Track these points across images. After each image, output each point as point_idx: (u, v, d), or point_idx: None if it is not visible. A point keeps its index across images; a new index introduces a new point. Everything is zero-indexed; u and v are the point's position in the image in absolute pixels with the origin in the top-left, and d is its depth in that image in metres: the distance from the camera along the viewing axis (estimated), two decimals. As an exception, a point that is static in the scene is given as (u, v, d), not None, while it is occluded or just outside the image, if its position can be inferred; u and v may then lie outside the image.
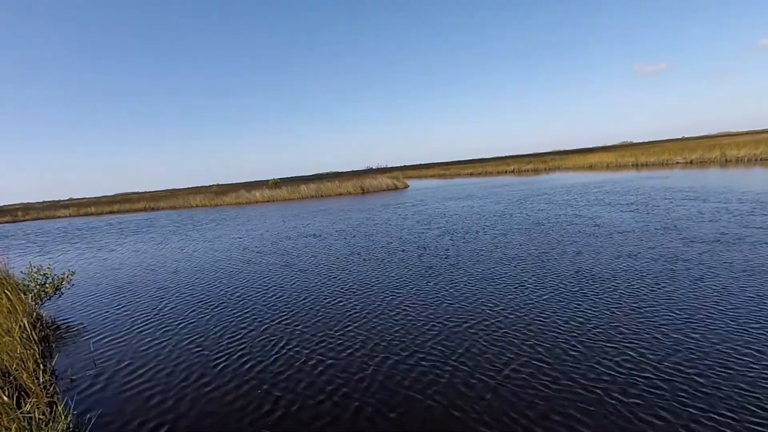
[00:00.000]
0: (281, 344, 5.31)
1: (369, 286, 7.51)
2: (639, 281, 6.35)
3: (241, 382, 4.42)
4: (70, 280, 8.45)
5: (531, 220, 12.92)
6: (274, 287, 8.06)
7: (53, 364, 5.24)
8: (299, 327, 5.84)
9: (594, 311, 5.38)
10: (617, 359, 4.18)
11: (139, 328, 6.44)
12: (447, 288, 6.94)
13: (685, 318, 4.97)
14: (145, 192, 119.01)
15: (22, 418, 3.22)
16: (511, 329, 5.09)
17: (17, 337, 4.97)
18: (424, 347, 4.84)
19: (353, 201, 28.50)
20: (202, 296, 7.92)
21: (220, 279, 9.22)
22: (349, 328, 5.63)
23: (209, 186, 65.01)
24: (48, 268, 8.16)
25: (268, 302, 7.11)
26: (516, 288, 6.57)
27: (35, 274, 7.79)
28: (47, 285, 7.83)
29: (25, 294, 7.18)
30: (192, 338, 5.77)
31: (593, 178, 28.45)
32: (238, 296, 7.66)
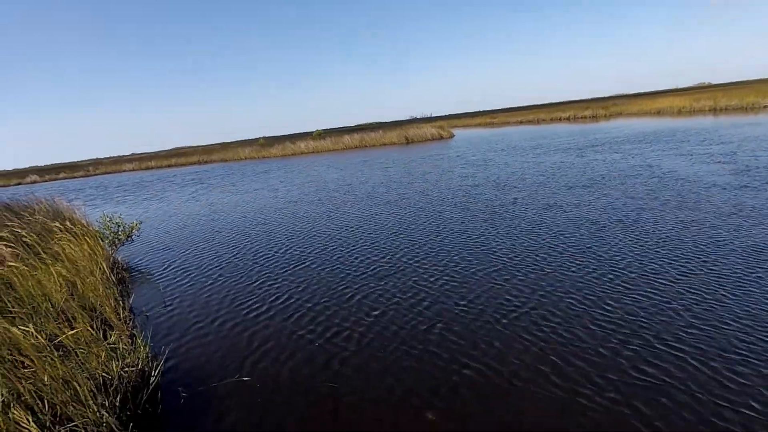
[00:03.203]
0: (336, 293, 5.55)
1: (422, 237, 7.56)
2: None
3: (296, 327, 4.72)
4: (139, 228, 9.25)
5: (594, 173, 12.18)
6: (324, 237, 8.33)
7: (130, 302, 5.87)
8: (354, 276, 6.05)
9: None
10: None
11: (200, 271, 6.98)
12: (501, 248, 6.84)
13: None
14: (198, 146, 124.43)
15: (108, 348, 3.68)
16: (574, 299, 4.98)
17: (99, 278, 5.57)
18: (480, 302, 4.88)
19: (397, 151, 28.18)
20: (257, 244, 8.37)
21: (273, 227, 9.66)
22: (406, 282, 5.76)
23: (256, 139, 66.65)
24: (119, 217, 8.93)
25: (321, 249, 7.40)
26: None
27: (109, 223, 8.56)
28: (120, 233, 8.62)
29: (102, 240, 7.96)
30: (248, 283, 6.18)
31: (664, 124, 25.92)
32: (292, 244, 8.02)
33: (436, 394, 3.29)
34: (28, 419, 2.40)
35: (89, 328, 3.78)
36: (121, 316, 4.94)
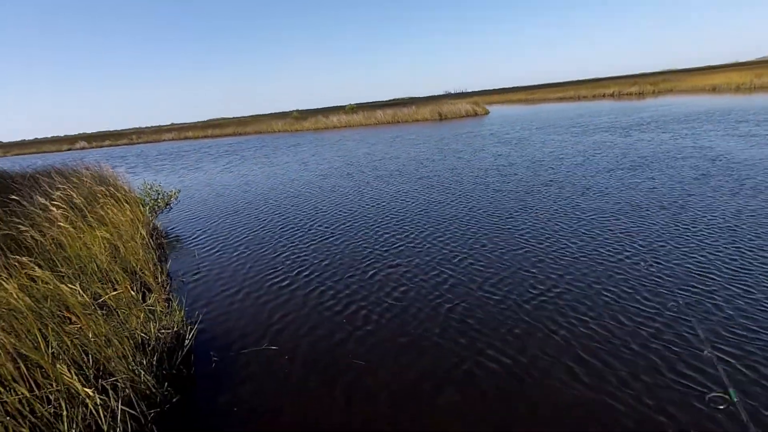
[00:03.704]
0: (359, 269, 5.61)
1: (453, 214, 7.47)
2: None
3: (319, 300, 4.82)
4: (177, 196, 9.62)
5: (637, 155, 11.53)
6: (351, 212, 8.37)
7: (168, 267, 6.16)
8: (378, 252, 6.08)
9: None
10: None
11: (231, 240, 7.22)
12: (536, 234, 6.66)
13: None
14: (233, 117, 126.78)
15: (146, 310, 3.90)
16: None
17: (139, 243, 5.86)
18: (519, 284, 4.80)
19: (429, 127, 27.66)
20: (285, 216, 8.53)
21: (301, 200, 9.80)
22: (430, 256, 5.74)
23: (290, 112, 67.10)
24: (159, 185, 9.30)
25: (348, 224, 7.46)
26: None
27: (150, 191, 8.94)
28: (159, 200, 9.00)
29: (142, 207, 8.33)
30: (275, 254, 6.34)
31: (719, 102, 23.98)
32: (319, 218, 8.12)
33: (450, 378, 3.27)
34: (70, 372, 2.59)
35: (130, 290, 4.00)
36: (159, 280, 5.20)
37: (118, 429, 2.68)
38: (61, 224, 4.93)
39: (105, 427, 2.62)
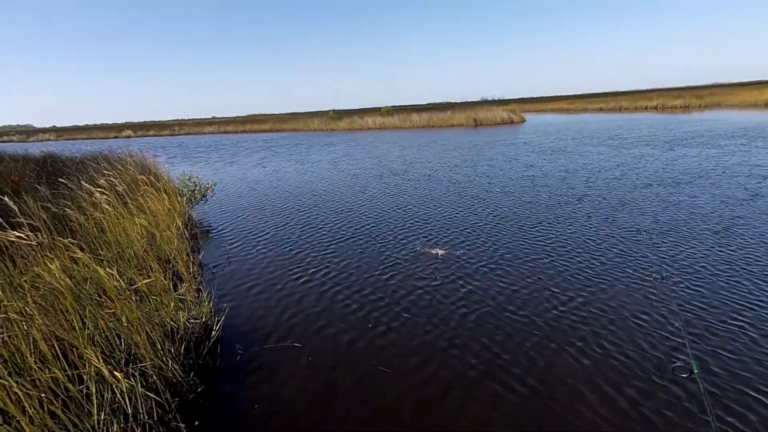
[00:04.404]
0: (385, 270, 5.55)
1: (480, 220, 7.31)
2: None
3: (345, 300, 4.79)
4: (213, 189, 9.88)
5: (680, 171, 10.94)
6: (380, 213, 8.33)
7: (200, 257, 6.31)
8: (403, 255, 6.02)
9: None
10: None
11: (262, 235, 7.32)
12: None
13: None
14: (272, 114, 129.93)
15: (177, 299, 3.98)
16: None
17: (174, 232, 6.03)
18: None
19: (464, 134, 27.32)
20: (315, 214, 8.58)
21: (331, 199, 9.85)
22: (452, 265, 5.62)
23: (326, 111, 68.09)
24: (197, 177, 9.58)
25: (376, 225, 7.42)
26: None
27: (187, 182, 9.23)
28: (196, 191, 9.26)
29: (180, 197, 8.60)
30: (305, 251, 6.37)
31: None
32: (348, 218, 8.12)
33: (475, 391, 3.16)
34: (98, 357, 2.65)
35: (163, 278, 4.09)
36: (191, 270, 5.32)
37: (142, 414, 2.73)
38: (106, 208, 5.13)
39: (130, 411, 2.67)
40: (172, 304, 3.82)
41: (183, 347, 3.45)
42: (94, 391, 2.58)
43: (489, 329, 3.96)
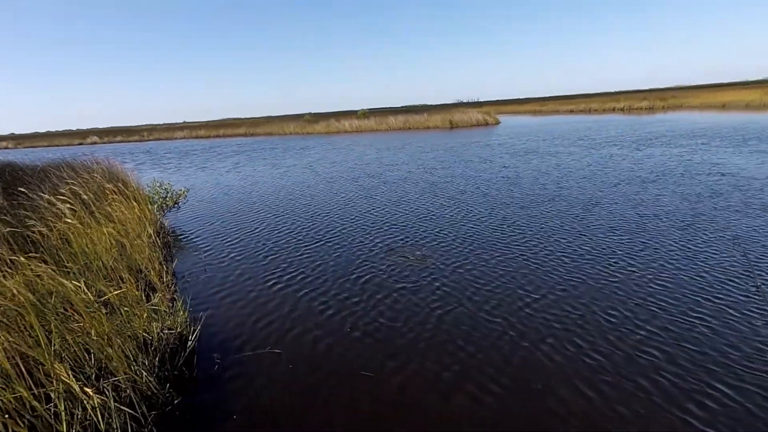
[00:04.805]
0: (358, 273, 5.55)
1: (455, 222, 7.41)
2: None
3: (322, 305, 4.77)
4: (186, 196, 9.63)
5: (646, 170, 11.41)
6: (355, 215, 8.33)
7: (173, 266, 6.15)
8: (376, 256, 6.03)
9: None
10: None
11: (237, 242, 7.19)
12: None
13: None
14: (246, 118, 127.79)
15: (150, 310, 3.87)
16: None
17: (146, 241, 5.85)
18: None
19: (440, 136, 27.65)
20: (290, 219, 8.50)
21: (306, 203, 9.78)
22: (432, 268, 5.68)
23: (302, 114, 67.56)
24: (168, 183, 9.32)
25: (351, 228, 7.41)
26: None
27: (158, 189, 8.96)
28: (168, 198, 9.00)
29: (150, 205, 8.35)
30: (280, 257, 6.30)
31: (730, 119, 23.78)
32: (324, 222, 8.08)
33: (457, 390, 3.21)
34: (68, 372, 2.55)
35: (134, 288, 3.97)
36: (164, 279, 5.17)
37: (116, 429, 2.64)
38: (69, 219, 4.93)
39: (103, 427, 2.57)
40: (145, 315, 3.70)
41: (158, 359, 3.36)
42: (62, 408, 2.47)
43: (466, 330, 4.01)
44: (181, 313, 4.13)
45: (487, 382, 3.29)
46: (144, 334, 3.48)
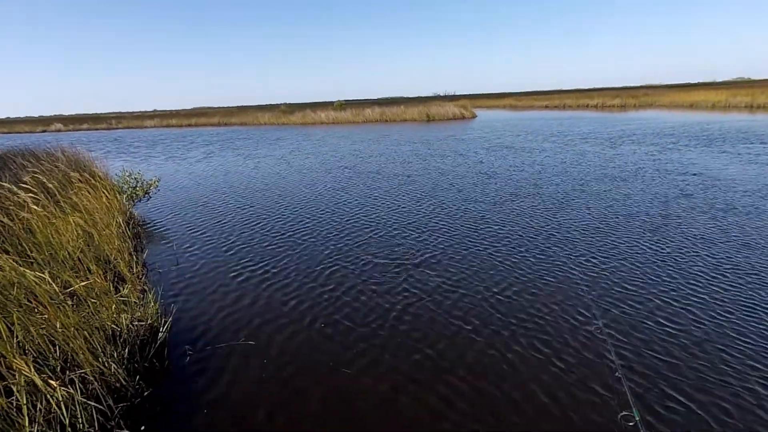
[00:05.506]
0: (332, 266, 5.57)
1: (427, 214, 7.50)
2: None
3: (296, 298, 4.77)
4: (157, 185, 9.35)
5: (617, 168, 11.81)
6: (328, 207, 8.32)
7: (144, 257, 6.00)
8: (348, 249, 6.06)
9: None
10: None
11: (210, 232, 7.08)
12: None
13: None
14: (219, 107, 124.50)
15: (119, 301, 3.78)
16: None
17: (115, 232, 5.68)
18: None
19: (416, 128, 27.72)
20: (264, 210, 8.41)
21: (280, 194, 9.69)
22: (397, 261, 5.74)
23: (278, 105, 66.34)
24: (138, 173, 9.03)
25: (322, 220, 7.41)
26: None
27: (128, 178, 8.68)
28: (138, 188, 8.73)
29: (120, 195, 8.08)
30: (253, 248, 6.24)
31: (697, 118, 24.82)
32: (298, 213, 8.04)
33: (409, 387, 3.25)
34: (29, 366, 2.48)
35: (102, 279, 3.87)
36: (134, 270, 5.05)
37: (81, 423, 2.59)
38: (33, 208, 4.73)
39: (67, 421, 2.52)
40: (114, 306, 3.62)
41: (127, 351, 3.30)
42: (24, 401, 2.41)
43: (440, 327, 4.06)
44: (152, 304, 4.06)
45: (457, 382, 3.27)
46: (113, 325, 3.41)
